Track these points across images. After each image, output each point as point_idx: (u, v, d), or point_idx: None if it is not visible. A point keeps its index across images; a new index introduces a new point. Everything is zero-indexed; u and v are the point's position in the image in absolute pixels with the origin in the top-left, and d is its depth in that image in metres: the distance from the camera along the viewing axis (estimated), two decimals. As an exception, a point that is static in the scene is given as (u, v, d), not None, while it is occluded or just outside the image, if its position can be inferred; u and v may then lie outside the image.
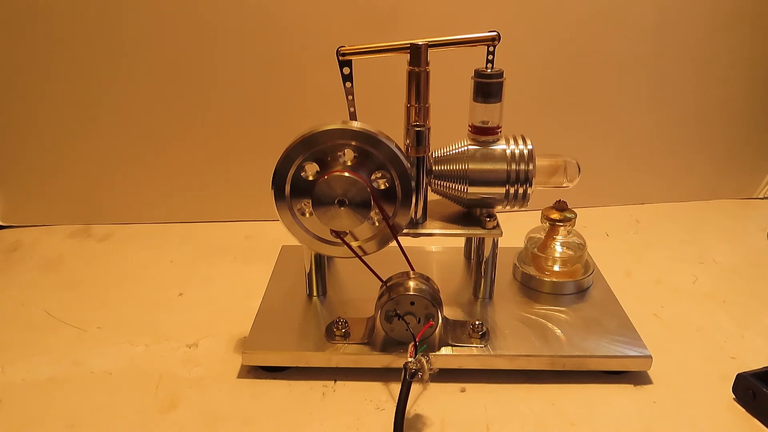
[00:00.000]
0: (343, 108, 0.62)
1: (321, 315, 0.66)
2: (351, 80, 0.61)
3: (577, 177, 0.65)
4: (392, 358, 0.59)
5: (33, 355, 0.65)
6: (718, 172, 1.02)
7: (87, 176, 0.92)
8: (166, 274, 0.81)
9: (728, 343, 0.66)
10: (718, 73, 0.95)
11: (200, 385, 0.60)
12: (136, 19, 0.83)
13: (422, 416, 0.56)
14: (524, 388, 0.60)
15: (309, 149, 0.58)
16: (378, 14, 0.85)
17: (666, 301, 0.74)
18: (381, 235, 0.62)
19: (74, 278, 0.80)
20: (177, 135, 0.90)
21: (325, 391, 0.59)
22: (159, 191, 0.94)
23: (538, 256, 0.71)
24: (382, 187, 0.60)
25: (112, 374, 0.62)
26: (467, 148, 0.62)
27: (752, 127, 1.00)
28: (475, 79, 0.61)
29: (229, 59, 0.86)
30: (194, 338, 0.67)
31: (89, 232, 0.93)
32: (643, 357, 0.60)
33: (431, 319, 0.59)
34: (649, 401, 0.58)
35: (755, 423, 0.56)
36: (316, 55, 0.84)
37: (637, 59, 0.92)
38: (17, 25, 0.83)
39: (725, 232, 0.92)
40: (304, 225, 0.61)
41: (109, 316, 0.71)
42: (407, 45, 0.59)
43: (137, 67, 0.86)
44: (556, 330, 0.63)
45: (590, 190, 0.95)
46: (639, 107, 0.95)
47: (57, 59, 0.85)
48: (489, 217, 0.63)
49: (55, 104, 0.88)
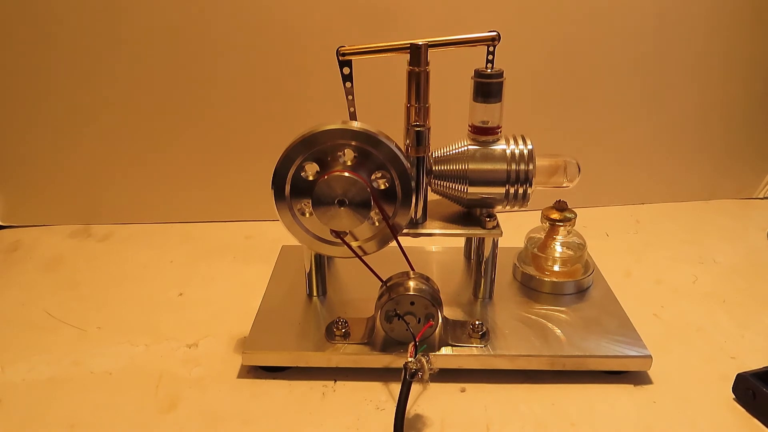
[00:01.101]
0: (343, 108, 0.62)
1: (321, 315, 0.66)
2: (351, 80, 0.61)
3: (577, 177, 0.65)
4: (392, 358, 0.59)
5: (33, 355, 0.65)
6: (718, 172, 1.02)
7: (87, 176, 0.92)
8: (166, 274, 0.81)
9: (728, 343, 0.66)
10: (718, 73, 0.95)
11: (200, 385, 0.60)
12: (135, 19, 0.83)
13: (422, 416, 0.56)
14: (524, 388, 0.60)
15: (309, 149, 0.58)
16: (378, 14, 0.85)
17: (666, 301, 0.74)
18: (381, 235, 0.62)
19: (74, 278, 0.80)
20: (177, 135, 0.91)
21: (325, 391, 0.59)
22: (159, 191, 0.94)
23: (538, 256, 0.71)
24: (382, 187, 0.60)
25: (112, 374, 0.62)
26: (467, 148, 0.62)
27: (752, 127, 1.00)
28: (475, 79, 0.61)
29: (229, 59, 0.86)
30: (194, 338, 0.67)
31: (89, 232, 0.93)
32: (643, 357, 0.60)
33: (431, 319, 0.59)
34: (649, 401, 0.58)
35: (755, 423, 0.56)
36: (316, 55, 0.84)
37: (637, 59, 0.92)
38: (17, 25, 0.83)
39: (725, 232, 0.92)
40: (304, 225, 0.61)
41: (109, 316, 0.71)
42: (407, 45, 0.59)
43: (137, 67, 0.86)
44: (556, 330, 0.63)
45: (590, 190, 0.95)
46: (639, 107, 0.95)
47: (57, 59, 0.85)
48: (489, 217, 0.63)
49: (55, 104, 0.88)
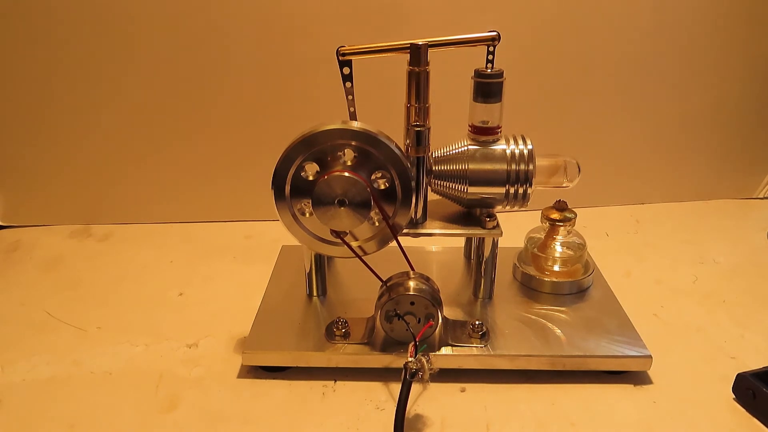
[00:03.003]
0: (343, 108, 0.62)
1: (321, 315, 0.66)
2: (351, 80, 0.61)
3: (577, 177, 0.65)
4: (392, 358, 0.59)
5: (33, 355, 0.65)
6: (718, 172, 1.02)
7: (87, 176, 0.92)
8: (166, 274, 0.81)
9: (728, 343, 0.66)
10: (718, 73, 0.95)
11: (200, 385, 0.60)
12: (135, 20, 0.83)
13: (422, 416, 0.56)
14: (524, 388, 0.60)
15: (309, 149, 0.58)
16: (378, 14, 0.85)
17: (666, 301, 0.74)
18: (381, 235, 0.62)
19: (74, 278, 0.80)
20: (177, 135, 0.90)
21: (325, 391, 0.59)
22: (159, 191, 0.94)
23: (538, 256, 0.71)
24: (382, 187, 0.60)
25: (112, 374, 0.62)
26: (467, 148, 0.62)
27: (752, 126, 0.99)
28: (475, 79, 0.61)
29: (229, 59, 0.86)
30: (194, 338, 0.67)
31: (89, 232, 0.93)
32: (643, 357, 0.60)
33: (431, 319, 0.59)
34: (649, 401, 0.58)
35: (755, 423, 0.56)
36: (316, 55, 0.84)
37: (637, 59, 0.92)
38: (17, 25, 0.83)
39: (725, 232, 0.92)
40: (304, 225, 0.61)
41: (109, 316, 0.71)
42: (407, 45, 0.59)
43: (137, 67, 0.86)
44: (556, 330, 0.63)
45: (590, 190, 0.95)
46: (639, 107, 0.95)
47: (57, 59, 0.85)
48: (489, 217, 0.63)
49: (55, 104, 0.88)
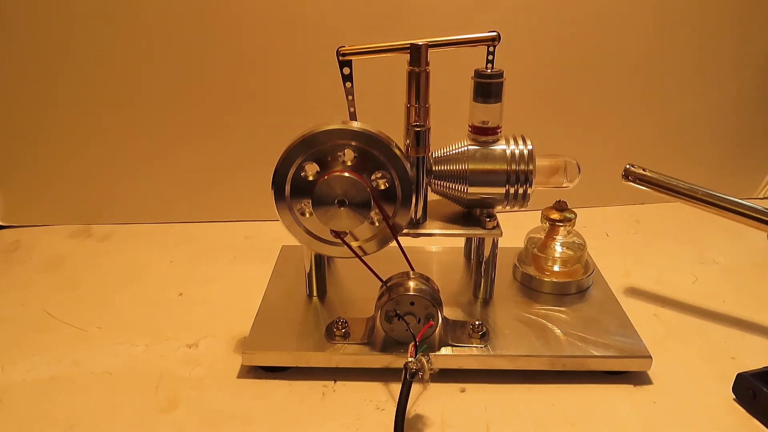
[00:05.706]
0: (343, 108, 0.62)
1: (321, 315, 0.66)
2: (351, 80, 0.61)
3: (577, 177, 0.65)
4: (392, 358, 0.59)
5: (33, 355, 0.65)
6: (718, 172, 1.02)
7: (87, 176, 0.92)
8: (166, 274, 0.81)
9: (728, 343, 0.66)
10: (718, 74, 0.95)
11: (200, 385, 0.60)
12: (136, 20, 0.83)
13: (422, 416, 0.56)
14: (524, 388, 0.60)
15: (309, 149, 0.58)
16: (378, 14, 0.85)
17: (666, 301, 0.74)
18: (381, 235, 0.62)
19: (74, 278, 0.80)
20: (177, 135, 0.90)
21: (325, 391, 0.59)
22: (159, 191, 0.94)
23: (538, 256, 0.71)
24: (382, 187, 0.60)
25: (112, 374, 0.62)
26: (467, 148, 0.62)
27: (752, 127, 0.99)
28: (475, 79, 0.61)
29: (228, 59, 0.86)
30: (194, 338, 0.67)
31: (89, 232, 0.93)
32: (643, 357, 0.60)
33: (431, 319, 0.59)
34: (649, 401, 0.58)
35: (755, 423, 0.56)
36: (316, 55, 0.84)
37: (637, 59, 0.92)
38: (18, 25, 0.83)
39: (725, 232, 0.92)
40: (304, 225, 0.61)
41: (109, 316, 0.71)
42: (407, 45, 0.59)
43: (137, 68, 0.86)
44: (556, 330, 0.63)
45: (590, 190, 0.95)
46: (639, 107, 0.95)
47: (57, 60, 0.85)
48: (489, 217, 0.63)
49: (56, 105, 0.88)
